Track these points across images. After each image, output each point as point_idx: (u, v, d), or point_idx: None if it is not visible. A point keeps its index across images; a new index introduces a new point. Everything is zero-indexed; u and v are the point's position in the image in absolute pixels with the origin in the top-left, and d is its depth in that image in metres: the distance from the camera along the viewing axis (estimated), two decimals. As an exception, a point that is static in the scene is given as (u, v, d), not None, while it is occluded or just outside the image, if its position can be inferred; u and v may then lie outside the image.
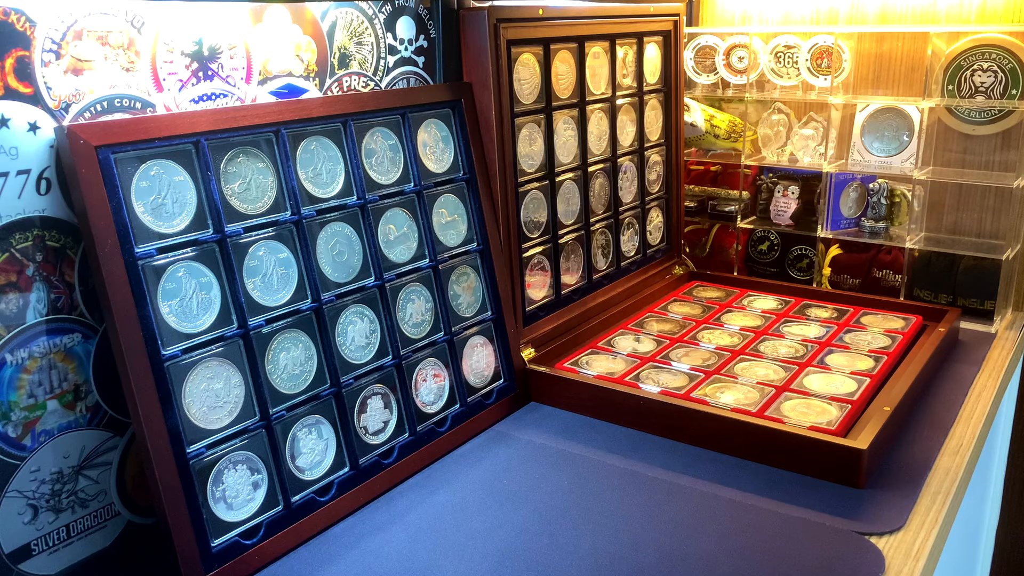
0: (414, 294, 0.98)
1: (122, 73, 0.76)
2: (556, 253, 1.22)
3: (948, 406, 1.06)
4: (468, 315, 1.04)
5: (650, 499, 0.86)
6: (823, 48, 1.45)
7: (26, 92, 0.69)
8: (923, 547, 0.79)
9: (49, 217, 0.72)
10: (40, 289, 0.72)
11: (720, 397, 1.02)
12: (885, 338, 1.20)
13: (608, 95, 1.30)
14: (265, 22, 0.87)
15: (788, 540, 0.79)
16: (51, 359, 0.73)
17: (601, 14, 1.26)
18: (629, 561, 0.76)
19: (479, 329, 1.06)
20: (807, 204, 1.48)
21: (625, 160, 1.35)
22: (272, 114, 0.84)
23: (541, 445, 0.97)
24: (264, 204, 0.83)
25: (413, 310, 0.97)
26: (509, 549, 0.78)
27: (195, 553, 0.73)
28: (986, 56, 1.33)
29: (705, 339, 1.21)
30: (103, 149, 0.71)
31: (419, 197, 1.00)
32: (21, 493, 0.72)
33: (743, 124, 1.54)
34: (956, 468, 0.92)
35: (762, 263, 1.55)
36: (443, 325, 1.01)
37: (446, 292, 1.02)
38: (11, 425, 0.71)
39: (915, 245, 1.39)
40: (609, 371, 1.10)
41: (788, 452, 0.91)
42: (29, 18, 0.69)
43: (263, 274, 0.82)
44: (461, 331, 1.03)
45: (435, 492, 0.88)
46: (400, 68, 1.03)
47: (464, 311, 1.04)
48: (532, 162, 1.16)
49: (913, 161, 1.39)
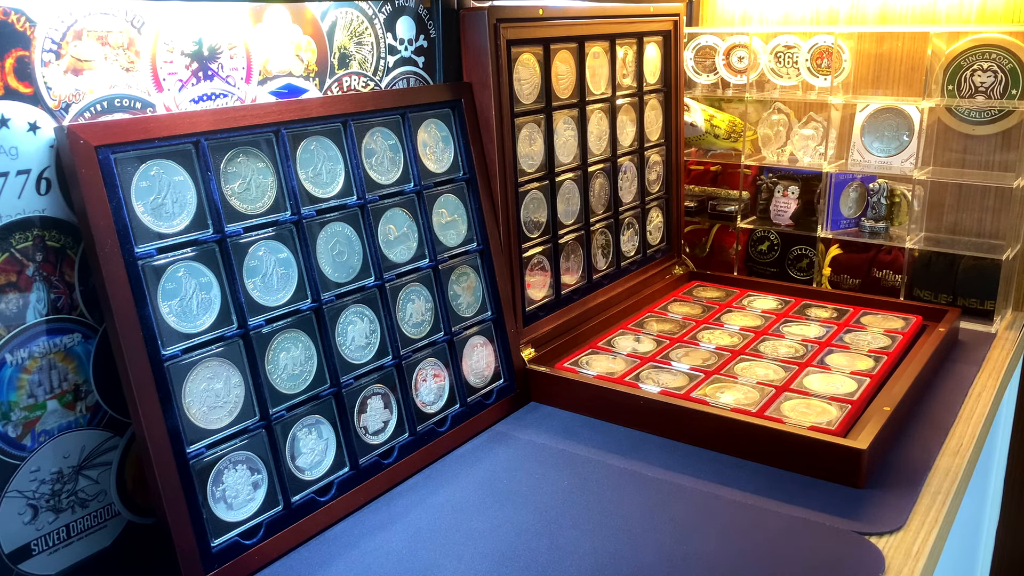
0: (414, 294, 0.98)
1: (122, 73, 0.76)
2: (556, 253, 1.22)
3: (948, 406, 1.06)
4: (468, 315, 1.04)
5: (650, 499, 0.86)
6: (823, 48, 1.45)
7: (26, 92, 0.69)
8: (923, 547, 0.79)
9: (49, 217, 0.72)
10: (40, 289, 0.72)
11: (720, 397, 1.02)
12: (885, 338, 1.20)
13: (608, 95, 1.30)
14: (265, 22, 0.87)
15: (788, 540, 0.79)
16: (51, 359, 0.73)
17: (601, 14, 1.26)
18: (629, 561, 0.76)
19: (479, 329, 1.06)
20: (807, 204, 1.48)
21: (625, 160, 1.35)
22: (272, 114, 0.84)
23: (541, 445, 0.97)
24: (264, 204, 0.83)
25: (413, 310, 0.97)
26: (509, 549, 0.78)
27: (195, 553, 0.73)
28: (986, 56, 1.33)
29: (705, 339, 1.21)
30: (103, 149, 0.71)
31: (419, 197, 1.00)
32: (21, 493, 0.72)
33: (743, 124, 1.54)
34: (956, 468, 0.92)
35: (762, 263, 1.55)
36: (443, 325, 1.01)
37: (446, 292, 1.02)
38: (11, 425, 0.71)
39: (915, 245, 1.39)
40: (609, 371, 1.10)
41: (788, 452, 0.91)
42: (29, 18, 0.69)
43: (263, 274, 0.82)
44: (461, 331, 1.03)
45: (435, 492, 0.88)
46: (400, 68, 1.03)
47: (464, 311, 1.04)
48: (532, 162, 1.16)
49: (913, 161, 1.39)
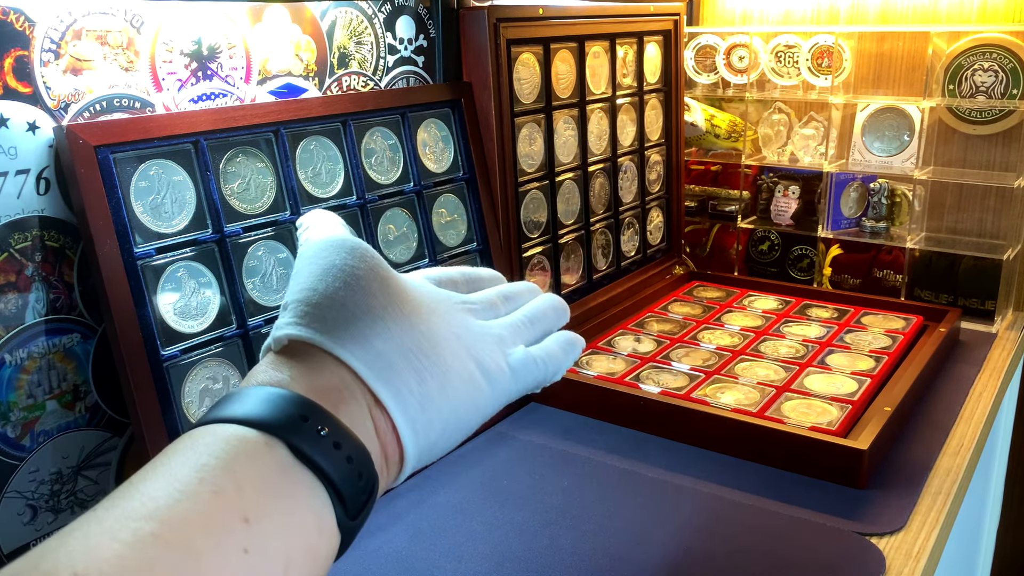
0: (414, 294, 0.97)
1: (121, 73, 0.76)
2: (556, 253, 1.22)
3: (949, 406, 1.06)
4: (468, 315, 1.04)
5: (650, 499, 0.86)
6: (823, 48, 1.45)
7: (25, 92, 0.69)
8: (924, 547, 0.78)
9: (48, 217, 0.72)
10: (39, 289, 0.72)
11: (720, 397, 1.02)
12: (886, 338, 1.20)
13: (608, 95, 1.29)
14: (264, 21, 0.87)
15: (788, 540, 0.79)
16: (50, 359, 0.73)
17: (601, 13, 1.26)
18: (629, 561, 0.75)
19: (479, 329, 1.05)
20: (807, 204, 1.48)
21: (625, 160, 1.35)
22: (271, 114, 0.84)
23: (541, 445, 0.97)
24: (263, 204, 0.83)
25: (413, 310, 0.97)
26: (509, 549, 0.78)
27: (194, 553, 0.72)
28: (987, 56, 1.33)
29: (705, 339, 1.20)
30: (102, 149, 0.71)
31: (419, 197, 1.00)
32: (20, 493, 0.72)
33: (743, 124, 1.54)
34: (957, 468, 0.92)
35: (762, 263, 1.55)
36: (443, 325, 1.01)
37: (446, 292, 1.02)
38: (10, 425, 0.71)
39: (916, 245, 1.39)
40: (609, 371, 1.10)
41: (788, 452, 0.91)
42: (28, 18, 0.69)
43: (263, 274, 0.82)
44: (461, 331, 1.03)
45: (435, 492, 0.88)
46: (400, 68, 1.03)
47: (464, 311, 1.04)
48: (532, 162, 1.16)
49: (914, 161, 1.39)
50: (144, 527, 0.36)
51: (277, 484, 0.41)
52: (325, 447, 0.43)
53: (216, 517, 0.38)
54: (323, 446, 0.43)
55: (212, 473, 0.39)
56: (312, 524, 0.42)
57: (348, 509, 0.44)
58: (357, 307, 0.49)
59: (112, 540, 0.35)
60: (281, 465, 0.42)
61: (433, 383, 0.49)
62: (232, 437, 0.41)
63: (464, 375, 0.51)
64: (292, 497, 0.41)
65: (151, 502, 0.37)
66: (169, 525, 0.36)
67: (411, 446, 0.49)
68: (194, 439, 0.42)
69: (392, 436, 0.48)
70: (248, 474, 0.40)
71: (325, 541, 0.43)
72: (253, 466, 0.41)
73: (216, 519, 0.38)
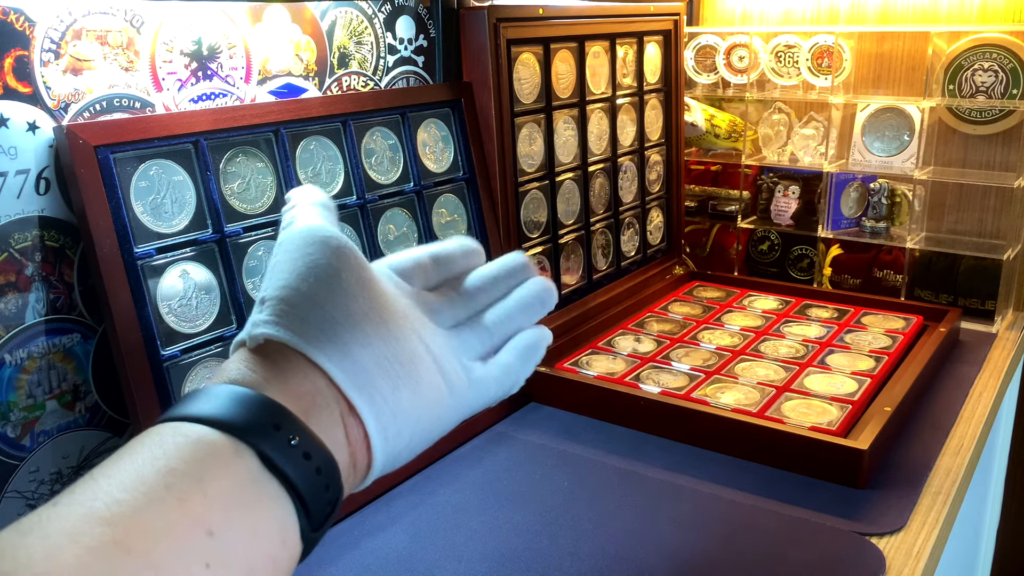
0: (414, 294, 0.97)
1: (121, 73, 0.76)
2: (556, 253, 1.22)
3: (949, 406, 1.06)
4: (468, 315, 1.04)
5: (650, 499, 0.86)
6: (823, 48, 1.45)
7: (25, 92, 0.69)
8: (924, 547, 0.78)
9: (48, 217, 0.72)
10: (39, 289, 0.72)
11: (720, 397, 1.02)
12: (886, 338, 1.20)
13: (608, 95, 1.29)
14: (264, 21, 0.87)
15: (788, 540, 0.79)
16: (50, 359, 0.73)
17: (601, 13, 1.26)
18: (629, 561, 0.75)
19: (479, 329, 1.05)
20: (807, 204, 1.48)
21: (625, 160, 1.35)
22: (271, 114, 0.84)
23: (541, 445, 0.97)
24: (264, 204, 0.83)
25: (413, 310, 0.97)
26: (509, 549, 0.78)
27: (194, 553, 0.72)
28: (987, 56, 1.33)
29: (705, 339, 1.20)
30: (102, 149, 0.71)
31: (419, 197, 1.00)
32: (20, 493, 0.72)
33: (743, 124, 1.54)
34: (957, 468, 0.92)
35: (762, 263, 1.55)
36: (443, 325, 1.01)
37: (446, 292, 1.01)
38: (10, 425, 0.71)
39: (916, 245, 1.39)
40: (609, 371, 1.10)
41: (788, 452, 0.91)
42: (28, 17, 0.69)
43: (263, 274, 0.82)
44: (461, 331, 1.03)
45: (435, 492, 0.88)
46: (400, 68, 1.03)
47: (464, 311, 1.04)
48: (532, 162, 1.16)
49: (914, 161, 1.39)
50: (107, 532, 0.35)
51: (244, 494, 0.40)
52: (295, 457, 0.42)
53: (180, 528, 0.37)
54: (293, 456, 0.42)
55: (180, 480, 0.38)
56: (276, 535, 0.42)
57: (312, 520, 0.44)
58: (338, 311, 0.48)
59: (73, 543, 0.34)
60: (250, 474, 0.41)
61: (406, 392, 0.49)
62: (201, 440, 0.41)
63: (433, 385, 0.51)
64: (258, 507, 0.41)
65: (116, 506, 0.36)
66: (133, 533, 0.36)
67: (380, 455, 0.48)
68: (163, 437, 0.41)
69: (363, 444, 0.48)
70: (216, 482, 0.39)
71: (287, 552, 0.42)
72: (222, 474, 0.40)
73: (180, 530, 0.37)
